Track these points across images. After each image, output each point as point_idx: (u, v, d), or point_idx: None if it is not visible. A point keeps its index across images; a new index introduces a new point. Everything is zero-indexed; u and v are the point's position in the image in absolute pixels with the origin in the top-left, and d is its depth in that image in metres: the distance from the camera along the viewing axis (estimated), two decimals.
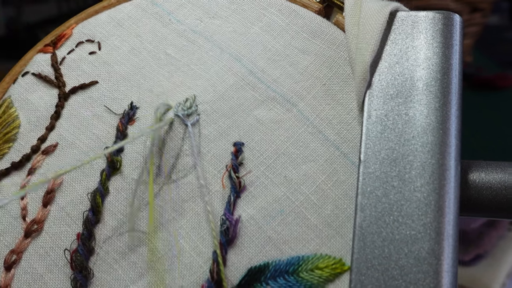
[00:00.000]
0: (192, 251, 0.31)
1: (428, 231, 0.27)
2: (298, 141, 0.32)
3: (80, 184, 0.33)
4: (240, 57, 0.34)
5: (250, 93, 0.33)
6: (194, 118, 0.33)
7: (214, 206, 0.32)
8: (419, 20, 0.31)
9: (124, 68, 0.36)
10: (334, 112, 0.32)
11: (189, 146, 0.33)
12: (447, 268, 0.26)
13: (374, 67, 0.30)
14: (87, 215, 0.33)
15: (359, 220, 0.28)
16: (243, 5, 0.36)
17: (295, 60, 0.34)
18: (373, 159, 0.29)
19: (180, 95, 0.34)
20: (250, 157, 0.32)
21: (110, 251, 0.32)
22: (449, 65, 0.30)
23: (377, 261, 0.27)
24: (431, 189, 0.28)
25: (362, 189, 0.28)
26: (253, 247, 0.31)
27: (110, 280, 0.32)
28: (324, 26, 0.34)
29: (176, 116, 0.33)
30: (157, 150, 0.33)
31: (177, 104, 0.34)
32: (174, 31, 0.36)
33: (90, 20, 0.37)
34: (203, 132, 0.33)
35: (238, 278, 0.31)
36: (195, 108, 0.34)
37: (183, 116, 0.33)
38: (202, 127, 0.33)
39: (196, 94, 0.34)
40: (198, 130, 0.33)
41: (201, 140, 0.33)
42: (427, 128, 0.29)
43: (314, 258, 0.30)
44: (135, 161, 0.33)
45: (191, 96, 0.34)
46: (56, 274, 0.32)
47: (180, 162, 0.33)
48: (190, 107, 0.34)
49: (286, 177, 0.32)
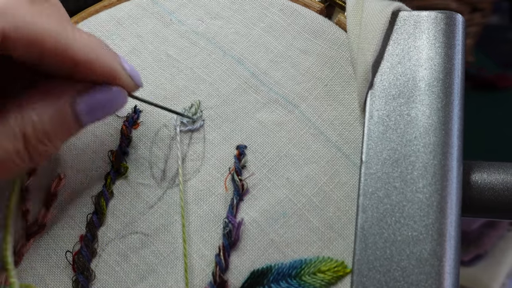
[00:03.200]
0: (194, 254, 0.31)
1: (430, 232, 0.27)
2: (300, 142, 0.32)
3: (84, 187, 0.33)
4: (242, 59, 0.34)
5: (252, 96, 0.33)
6: (199, 124, 0.33)
7: (217, 209, 0.32)
8: (421, 20, 0.31)
9: None
10: (335, 113, 0.32)
11: (193, 152, 0.33)
12: (449, 270, 0.26)
13: (376, 67, 0.30)
14: (91, 218, 0.33)
15: (360, 221, 0.28)
16: (245, 5, 0.35)
17: (297, 61, 0.34)
18: (375, 160, 0.29)
19: (184, 100, 0.34)
20: (253, 160, 0.32)
21: (112, 253, 0.32)
22: (451, 65, 0.29)
23: (378, 262, 0.27)
24: (433, 190, 0.28)
25: (364, 190, 0.28)
26: (255, 250, 0.31)
27: (111, 282, 0.32)
28: (326, 26, 0.34)
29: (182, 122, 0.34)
30: (162, 156, 0.33)
31: (182, 109, 0.34)
32: (176, 32, 0.36)
33: (91, 19, 0.37)
34: (207, 137, 0.33)
35: (241, 281, 0.30)
36: (200, 114, 0.34)
37: (188, 122, 0.33)
38: (206, 132, 0.33)
39: (200, 100, 0.34)
40: (203, 135, 0.33)
41: (206, 145, 0.33)
42: (429, 128, 0.29)
43: (317, 261, 0.30)
44: (140, 166, 0.33)
45: (196, 101, 0.34)
46: (57, 276, 0.32)
47: (184, 167, 0.33)
48: (195, 113, 0.34)
49: (288, 179, 0.32)
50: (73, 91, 0.27)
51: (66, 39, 0.26)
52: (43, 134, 0.27)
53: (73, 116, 0.27)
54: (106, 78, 0.28)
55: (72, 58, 0.26)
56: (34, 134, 0.26)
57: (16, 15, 0.25)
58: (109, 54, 0.28)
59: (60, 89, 0.27)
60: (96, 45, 0.27)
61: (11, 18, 0.24)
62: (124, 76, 0.29)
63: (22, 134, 0.26)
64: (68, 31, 0.26)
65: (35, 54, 0.26)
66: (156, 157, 0.33)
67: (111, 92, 0.28)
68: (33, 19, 0.25)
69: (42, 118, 0.26)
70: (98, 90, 0.28)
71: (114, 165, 0.33)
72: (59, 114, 0.27)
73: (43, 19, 0.25)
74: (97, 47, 0.27)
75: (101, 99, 0.28)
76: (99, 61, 0.27)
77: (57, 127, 0.27)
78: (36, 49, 0.25)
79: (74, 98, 0.27)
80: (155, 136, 0.34)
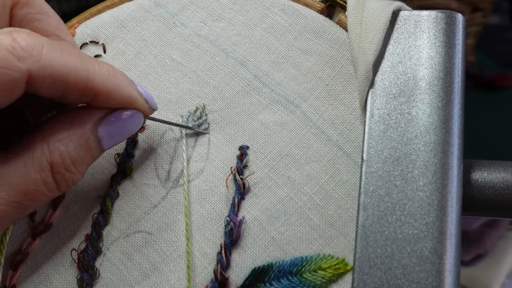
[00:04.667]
0: (197, 252, 0.32)
1: (431, 230, 0.27)
2: (302, 142, 0.32)
3: (91, 188, 0.34)
4: (245, 61, 0.34)
5: (255, 98, 0.34)
6: (203, 127, 0.33)
7: (219, 208, 0.32)
8: (422, 20, 0.31)
9: (131, 74, 0.36)
10: (337, 112, 0.32)
11: (198, 153, 0.33)
12: (449, 267, 0.26)
13: (377, 66, 0.30)
14: (97, 217, 0.33)
15: (361, 219, 0.28)
16: (246, 6, 0.35)
17: (298, 62, 0.34)
18: (376, 158, 0.29)
19: (189, 103, 0.34)
20: (255, 160, 0.33)
21: (116, 251, 0.32)
22: (452, 65, 0.30)
23: (379, 260, 0.27)
24: (433, 188, 0.28)
25: (365, 188, 0.28)
26: (257, 248, 0.31)
27: (115, 280, 0.32)
28: (327, 25, 0.34)
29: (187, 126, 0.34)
30: (167, 157, 0.33)
31: (187, 113, 0.34)
32: (179, 34, 0.36)
33: (93, 20, 0.37)
34: (211, 140, 0.33)
35: (242, 279, 0.31)
36: (205, 118, 0.34)
37: (194, 126, 0.34)
38: (211, 135, 0.34)
39: (205, 103, 0.34)
40: (208, 138, 0.34)
41: (210, 147, 0.33)
42: (430, 127, 0.29)
43: (317, 258, 0.30)
44: (146, 167, 0.34)
45: (201, 105, 0.34)
46: (62, 274, 0.32)
47: (188, 168, 0.33)
48: (200, 117, 0.34)
49: (289, 178, 0.32)
50: (94, 119, 0.29)
51: (87, 73, 0.27)
52: (69, 163, 0.28)
53: (96, 142, 0.29)
54: (124, 104, 0.29)
55: (92, 89, 0.28)
56: (61, 163, 0.28)
57: (40, 56, 0.25)
58: (126, 81, 0.29)
59: (82, 117, 0.29)
60: (113, 75, 0.29)
61: (36, 59, 0.25)
62: (141, 101, 0.30)
63: (49, 164, 0.27)
64: (88, 65, 0.27)
65: (58, 90, 0.27)
66: (161, 159, 0.34)
67: (129, 117, 0.30)
68: (56, 58, 0.26)
69: (68, 148, 0.28)
70: (117, 115, 0.29)
71: (119, 166, 0.34)
72: (83, 142, 0.28)
73: (64, 56, 0.26)
74: (114, 77, 0.29)
75: (120, 124, 0.30)
76: (118, 90, 0.29)
77: (82, 154, 0.28)
78: (60, 86, 0.26)
79: (96, 126, 0.29)
80: (160, 138, 0.34)
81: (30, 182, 0.27)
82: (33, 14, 0.28)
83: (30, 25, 0.28)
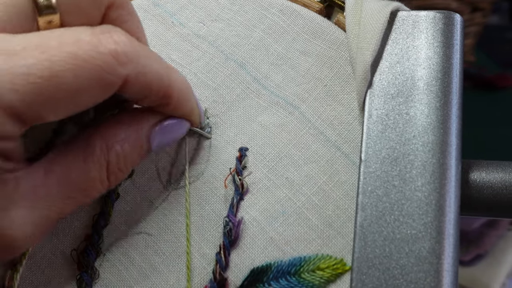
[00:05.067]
0: (196, 252, 0.32)
1: (429, 230, 0.27)
2: (300, 143, 0.32)
3: None
4: (244, 63, 0.34)
5: (255, 101, 0.34)
6: (206, 131, 0.34)
7: (218, 209, 0.32)
8: (420, 20, 0.31)
9: None
10: (335, 113, 0.32)
11: (199, 156, 0.33)
12: (447, 267, 0.27)
13: (375, 67, 0.30)
14: (97, 218, 0.33)
15: (360, 219, 0.28)
16: (245, 6, 0.35)
17: (297, 63, 0.34)
18: (374, 159, 0.29)
19: None
20: (253, 161, 0.33)
21: (116, 252, 0.32)
22: (449, 65, 0.30)
23: (378, 260, 0.27)
24: (431, 189, 0.28)
25: (363, 189, 0.28)
26: (255, 248, 0.31)
27: (114, 281, 0.32)
28: (325, 26, 0.34)
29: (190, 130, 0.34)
30: (169, 159, 0.34)
31: None
32: (178, 35, 0.36)
33: None
34: (213, 143, 0.34)
35: (241, 279, 0.31)
36: (207, 122, 0.34)
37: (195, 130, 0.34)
38: (212, 138, 0.34)
39: (206, 107, 0.34)
40: (209, 141, 0.34)
41: (211, 150, 0.33)
42: (428, 127, 0.29)
43: (316, 258, 0.30)
44: (147, 169, 0.34)
45: (203, 109, 0.34)
46: (61, 274, 0.32)
47: (189, 170, 0.33)
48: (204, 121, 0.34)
49: (288, 179, 0.32)
50: (150, 123, 0.30)
51: (169, 82, 0.28)
52: (124, 163, 0.29)
53: (147, 146, 0.30)
54: (184, 115, 0.31)
55: (169, 97, 0.29)
56: (116, 163, 0.28)
57: (138, 63, 0.26)
58: (192, 94, 0.31)
59: (140, 119, 0.29)
60: (187, 87, 0.30)
61: (134, 66, 0.26)
62: (197, 116, 0.32)
63: (106, 163, 0.28)
64: (170, 73, 0.28)
65: (142, 94, 0.28)
66: (163, 161, 0.34)
67: (180, 126, 0.31)
68: (149, 66, 0.27)
69: (123, 148, 0.28)
70: (171, 123, 0.30)
71: None
72: (138, 144, 0.29)
73: (153, 64, 0.27)
74: (187, 88, 0.30)
75: (170, 131, 0.30)
76: (186, 101, 0.30)
77: (134, 155, 0.29)
78: (145, 91, 0.27)
79: (150, 131, 0.29)
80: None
81: (89, 179, 0.27)
82: (124, 15, 0.28)
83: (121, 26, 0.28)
